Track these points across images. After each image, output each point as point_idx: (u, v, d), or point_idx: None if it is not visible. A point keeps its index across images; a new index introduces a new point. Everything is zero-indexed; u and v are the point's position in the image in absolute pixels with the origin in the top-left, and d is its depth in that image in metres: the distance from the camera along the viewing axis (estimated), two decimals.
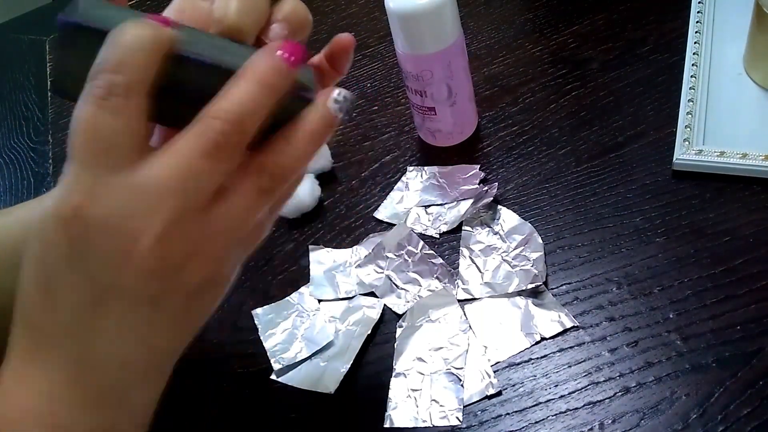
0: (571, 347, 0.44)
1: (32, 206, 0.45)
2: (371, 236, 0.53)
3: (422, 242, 0.51)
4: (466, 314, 0.47)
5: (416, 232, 0.52)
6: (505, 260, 0.48)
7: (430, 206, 0.54)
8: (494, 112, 0.59)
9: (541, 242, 0.49)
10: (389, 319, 0.48)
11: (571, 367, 0.43)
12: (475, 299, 0.48)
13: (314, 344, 0.47)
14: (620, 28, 0.62)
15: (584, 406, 0.41)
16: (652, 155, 0.52)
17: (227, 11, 0.33)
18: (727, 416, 0.39)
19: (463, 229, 0.51)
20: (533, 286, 0.47)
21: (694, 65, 0.55)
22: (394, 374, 0.45)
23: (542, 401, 0.42)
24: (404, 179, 0.56)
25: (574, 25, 0.64)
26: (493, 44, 0.65)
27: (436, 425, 0.42)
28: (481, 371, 0.44)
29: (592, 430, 0.40)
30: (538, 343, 0.45)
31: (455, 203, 0.53)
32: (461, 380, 0.44)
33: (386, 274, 0.50)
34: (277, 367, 0.47)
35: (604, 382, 0.42)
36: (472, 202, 0.52)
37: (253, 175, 0.31)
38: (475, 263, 0.49)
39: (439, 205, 0.54)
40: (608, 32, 0.62)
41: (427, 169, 0.56)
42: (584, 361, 0.43)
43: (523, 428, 0.41)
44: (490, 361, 0.44)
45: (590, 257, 0.48)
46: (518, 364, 0.44)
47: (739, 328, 0.42)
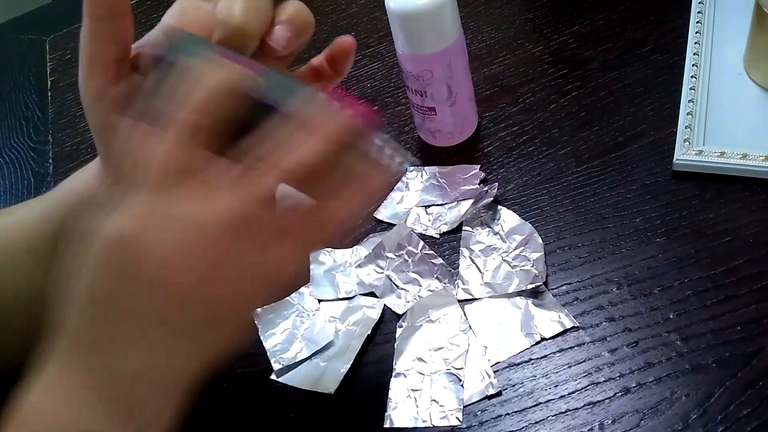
0: (571, 347, 0.44)
1: (32, 206, 0.45)
2: (371, 236, 0.53)
3: (422, 242, 0.51)
4: (466, 314, 0.47)
5: (416, 232, 0.52)
6: (505, 260, 0.48)
7: (430, 206, 0.54)
8: (494, 112, 0.59)
9: (541, 242, 0.49)
10: (389, 319, 0.48)
11: (571, 367, 0.43)
12: (475, 299, 0.48)
13: (314, 344, 0.47)
14: (620, 28, 0.62)
15: (584, 406, 0.41)
16: (652, 155, 0.52)
17: (231, 13, 0.33)
18: (727, 416, 0.39)
19: (463, 229, 0.51)
20: (533, 286, 0.46)
21: (694, 65, 0.55)
22: (394, 374, 0.45)
23: (542, 401, 0.42)
24: (404, 179, 0.56)
25: (574, 25, 0.64)
26: (493, 44, 0.65)
27: (436, 425, 0.42)
28: (481, 371, 0.44)
29: (592, 430, 0.40)
30: (538, 343, 0.45)
31: (455, 203, 0.53)
32: (461, 380, 0.44)
33: (386, 274, 0.50)
34: (277, 367, 0.47)
35: (604, 382, 0.42)
36: (472, 202, 0.52)
37: (305, 229, 0.32)
38: (475, 263, 0.49)
39: (439, 205, 0.54)
40: (608, 32, 0.62)
41: (427, 169, 0.56)
42: (584, 361, 0.43)
43: (523, 428, 0.41)
44: (490, 361, 0.44)
45: (590, 257, 0.48)
46: (518, 364, 0.44)
47: (739, 328, 0.42)
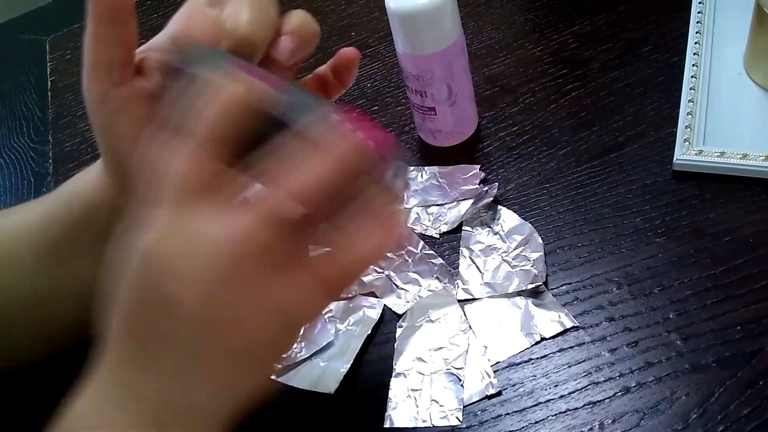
0: (571, 347, 0.44)
1: (33, 207, 0.45)
2: None
3: (422, 242, 0.51)
4: (466, 314, 0.47)
5: (416, 232, 0.52)
6: (505, 260, 0.48)
7: (430, 206, 0.54)
8: (494, 112, 0.59)
9: (541, 242, 0.49)
10: (389, 319, 0.48)
11: (571, 367, 0.43)
12: (475, 299, 0.48)
13: (314, 344, 0.47)
14: (620, 28, 0.62)
15: (584, 406, 0.41)
16: (652, 155, 0.52)
17: (239, 22, 0.33)
18: (727, 416, 0.39)
19: (463, 229, 0.51)
20: (533, 286, 0.46)
21: (694, 65, 0.55)
22: (394, 374, 0.45)
23: (542, 401, 0.42)
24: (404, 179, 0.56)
25: (574, 25, 0.64)
26: (493, 44, 0.65)
27: (436, 425, 0.42)
28: (481, 371, 0.44)
29: (592, 430, 0.40)
30: (538, 343, 0.45)
31: (455, 203, 0.53)
32: (461, 380, 0.44)
33: (386, 274, 0.50)
34: (276, 367, 0.47)
35: (604, 382, 0.42)
36: (472, 202, 0.52)
37: (317, 272, 0.32)
38: (475, 263, 0.49)
39: (439, 205, 0.54)
40: (608, 32, 0.62)
41: (427, 169, 0.56)
42: (584, 361, 0.43)
43: (523, 428, 0.41)
44: (490, 361, 0.44)
45: (590, 257, 0.48)
46: (518, 364, 0.44)
47: (739, 328, 0.42)
